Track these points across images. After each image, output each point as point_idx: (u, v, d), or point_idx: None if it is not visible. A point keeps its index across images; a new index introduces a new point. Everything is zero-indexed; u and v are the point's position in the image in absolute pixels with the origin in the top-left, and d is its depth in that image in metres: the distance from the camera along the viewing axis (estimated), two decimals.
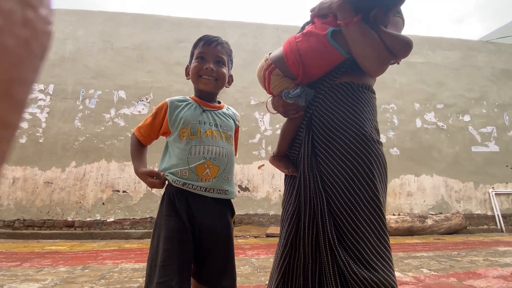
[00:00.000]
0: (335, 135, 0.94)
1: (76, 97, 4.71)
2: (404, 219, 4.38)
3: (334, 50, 0.95)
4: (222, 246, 0.94)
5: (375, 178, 0.88)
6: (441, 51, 6.11)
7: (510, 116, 5.95)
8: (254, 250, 3.05)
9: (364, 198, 0.86)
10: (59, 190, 4.31)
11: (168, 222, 0.87)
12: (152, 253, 0.87)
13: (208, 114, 1.03)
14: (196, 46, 1.05)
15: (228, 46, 1.08)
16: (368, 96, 1.01)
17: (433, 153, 5.47)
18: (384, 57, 0.92)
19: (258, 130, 5.02)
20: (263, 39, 5.50)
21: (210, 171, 0.95)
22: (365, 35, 0.90)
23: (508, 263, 2.49)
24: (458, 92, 5.89)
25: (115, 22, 5.18)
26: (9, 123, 0.13)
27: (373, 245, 0.83)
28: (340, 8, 0.91)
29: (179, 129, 0.98)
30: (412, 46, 0.93)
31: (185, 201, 0.91)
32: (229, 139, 1.04)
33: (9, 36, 0.12)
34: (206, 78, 1.01)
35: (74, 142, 4.52)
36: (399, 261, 2.57)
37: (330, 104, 0.99)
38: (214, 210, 0.94)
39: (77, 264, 2.41)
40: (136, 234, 4.08)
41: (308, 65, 0.99)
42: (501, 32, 11.48)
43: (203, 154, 0.95)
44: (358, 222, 0.85)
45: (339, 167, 0.91)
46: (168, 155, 0.99)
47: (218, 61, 1.03)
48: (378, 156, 0.92)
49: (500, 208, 5.25)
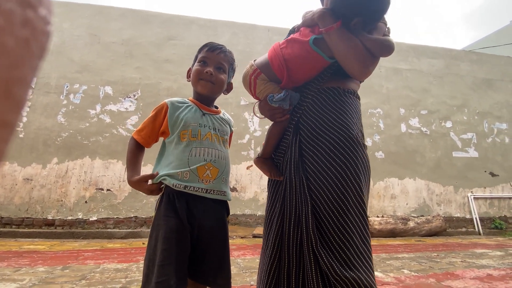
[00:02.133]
0: (323, 138, 0.96)
1: (60, 92, 4.57)
2: (388, 221, 4.49)
3: (317, 56, 0.98)
4: (219, 246, 0.96)
5: (360, 180, 0.91)
6: (426, 59, 6.31)
7: (489, 123, 6.21)
8: (240, 250, 3.05)
9: (350, 199, 0.88)
10: (39, 187, 4.16)
11: (167, 223, 0.88)
12: (150, 253, 0.88)
13: (208, 117, 1.06)
14: (200, 51, 1.09)
15: (231, 55, 1.11)
16: (354, 101, 1.04)
17: (416, 157, 5.63)
18: (366, 59, 0.95)
19: (247, 130, 5.02)
20: (254, 39, 5.52)
21: (211, 173, 0.97)
22: (346, 39, 0.94)
23: (484, 264, 2.60)
24: (441, 99, 6.11)
25: (103, 16, 5.06)
26: (8, 122, 0.13)
27: (357, 245, 0.86)
28: (321, 17, 0.96)
29: (179, 131, 0.99)
30: (393, 46, 0.97)
31: (185, 201, 0.92)
32: (225, 143, 1.08)
33: (9, 35, 0.12)
34: (204, 81, 1.04)
35: (57, 138, 4.37)
36: (382, 262, 2.63)
37: (317, 108, 1.01)
38: (213, 211, 0.97)
39: (56, 264, 2.33)
40: (119, 233, 3.99)
41: (292, 70, 1.02)
42: (483, 43, 11.98)
43: (203, 156, 0.97)
44: (344, 223, 0.87)
45: (326, 169, 0.92)
46: (165, 156, 1.00)
47: (218, 67, 1.06)
48: (363, 159, 0.94)
49: (478, 212, 5.47)
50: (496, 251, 3.35)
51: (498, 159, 5.98)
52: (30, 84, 0.14)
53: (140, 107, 4.75)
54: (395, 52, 6.89)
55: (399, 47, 6.22)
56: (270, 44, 5.00)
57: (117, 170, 4.44)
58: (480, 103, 6.29)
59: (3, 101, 0.12)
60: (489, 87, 6.47)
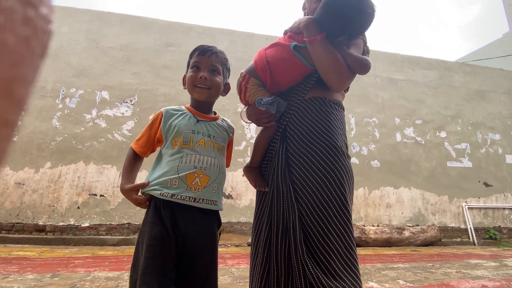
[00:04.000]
0: (309, 147, 0.97)
1: (55, 96, 4.54)
2: (383, 230, 4.48)
3: (299, 61, 1.02)
4: (205, 256, 0.93)
5: (345, 190, 0.92)
6: (421, 70, 6.43)
7: (483, 134, 6.30)
8: (235, 259, 3.01)
9: (334, 208, 0.89)
10: (31, 192, 4.08)
11: (151, 230, 0.87)
12: (135, 260, 0.88)
13: (202, 124, 1.03)
14: (191, 56, 1.07)
15: (223, 55, 1.09)
16: (339, 112, 1.07)
17: (411, 166, 5.67)
18: (345, 75, 0.98)
19: (244, 137, 5.03)
20: (252, 48, 5.57)
21: (200, 181, 0.95)
22: (329, 52, 0.97)
23: (479, 275, 2.59)
24: (435, 109, 6.20)
25: (102, 21, 5.08)
26: (9, 121, 0.13)
27: (342, 256, 0.86)
28: (306, 27, 0.99)
29: (172, 138, 0.98)
30: (370, 66, 1.00)
31: (170, 210, 0.90)
32: (221, 150, 1.05)
33: (10, 34, 0.12)
34: (200, 87, 1.02)
35: (51, 142, 4.32)
36: (377, 272, 2.62)
37: (303, 117, 1.03)
38: (200, 221, 0.94)
39: (46, 271, 2.27)
40: (112, 240, 3.91)
41: (275, 72, 1.06)
42: (476, 55, 12.26)
43: (193, 163, 0.95)
44: (329, 232, 0.87)
45: (311, 178, 0.93)
46: (159, 165, 0.99)
47: (212, 70, 1.04)
48: (347, 170, 0.96)
49: (472, 222, 5.49)
50: (490, 261, 3.36)
51: (491, 169, 6.05)
52: (32, 83, 0.14)
53: (137, 112, 4.73)
54: (391, 63, 6.98)
55: (394, 58, 6.34)
56: None
57: (111, 176, 4.39)
58: (474, 114, 6.40)
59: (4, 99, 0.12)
60: (482, 99, 6.60)
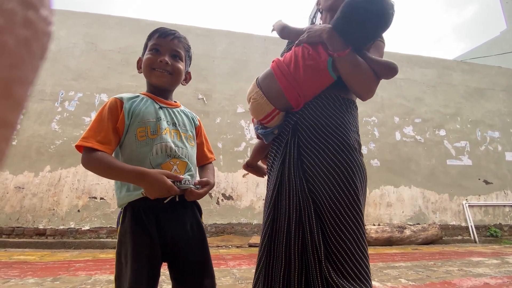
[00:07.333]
0: (321, 142, 0.97)
1: (54, 99, 4.54)
2: (384, 229, 4.48)
3: (330, 78, 1.01)
4: (198, 249, 0.89)
5: (356, 187, 0.91)
6: (419, 69, 6.44)
7: (482, 132, 6.31)
8: (236, 260, 3.00)
9: (345, 205, 0.88)
10: (31, 195, 4.08)
11: (134, 240, 0.80)
12: (119, 271, 0.80)
13: (165, 111, 0.94)
14: (150, 38, 0.96)
15: (186, 41, 1.00)
16: (352, 110, 1.06)
17: (411, 165, 5.67)
18: (373, 83, 0.99)
19: (243, 138, 5.02)
20: (251, 49, 5.57)
21: (178, 168, 0.88)
22: (356, 66, 0.96)
23: (481, 273, 2.59)
24: (434, 107, 6.21)
25: (100, 24, 5.08)
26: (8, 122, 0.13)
27: (354, 254, 0.85)
28: (330, 40, 0.96)
29: (136, 128, 0.87)
30: (397, 69, 0.99)
31: (153, 212, 0.84)
32: (188, 139, 0.96)
33: (10, 36, 0.12)
34: (159, 71, 0.92)
35: (50, 146, 4.32)
36: (379, 271, 2.61)
37: (317, 112, 1.02)
38: (183, 216, 0.89)
39: (47, 275, 2.26)
40: (112, 243, 3.90)
41: (305, 92, 1.04)
42: (474, 53, 12.27)
43: (166, 151, 0.86)
44: (340, 229, 0.86)
45: (322, 174, 0.93)
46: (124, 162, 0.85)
47: (174, 55, 0.95)
48: (360, 167, 0.95)
49: (473, 220, 5.49)
50: (492, 259, 3.36)
51: (491, 167, 6.06)
52: (31, 84, 0.14)
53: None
54: None
55: (392, 57, 6.34)
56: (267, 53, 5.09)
57: None
58: (473, 112, 6.41)
59: (4, 100, 0.12)
60: (481, 96, 6.61)
